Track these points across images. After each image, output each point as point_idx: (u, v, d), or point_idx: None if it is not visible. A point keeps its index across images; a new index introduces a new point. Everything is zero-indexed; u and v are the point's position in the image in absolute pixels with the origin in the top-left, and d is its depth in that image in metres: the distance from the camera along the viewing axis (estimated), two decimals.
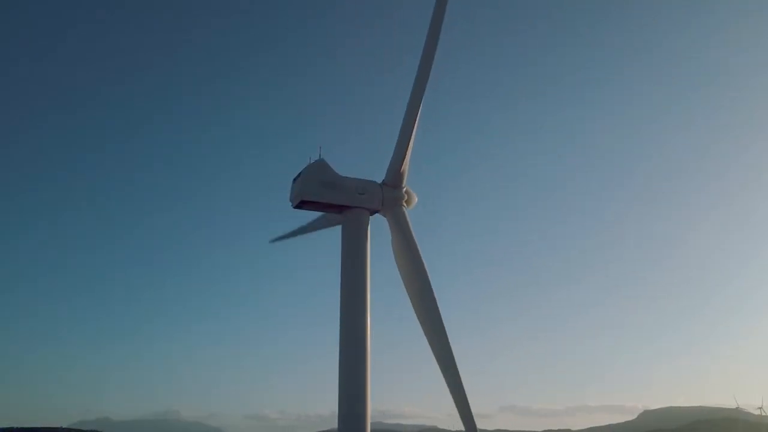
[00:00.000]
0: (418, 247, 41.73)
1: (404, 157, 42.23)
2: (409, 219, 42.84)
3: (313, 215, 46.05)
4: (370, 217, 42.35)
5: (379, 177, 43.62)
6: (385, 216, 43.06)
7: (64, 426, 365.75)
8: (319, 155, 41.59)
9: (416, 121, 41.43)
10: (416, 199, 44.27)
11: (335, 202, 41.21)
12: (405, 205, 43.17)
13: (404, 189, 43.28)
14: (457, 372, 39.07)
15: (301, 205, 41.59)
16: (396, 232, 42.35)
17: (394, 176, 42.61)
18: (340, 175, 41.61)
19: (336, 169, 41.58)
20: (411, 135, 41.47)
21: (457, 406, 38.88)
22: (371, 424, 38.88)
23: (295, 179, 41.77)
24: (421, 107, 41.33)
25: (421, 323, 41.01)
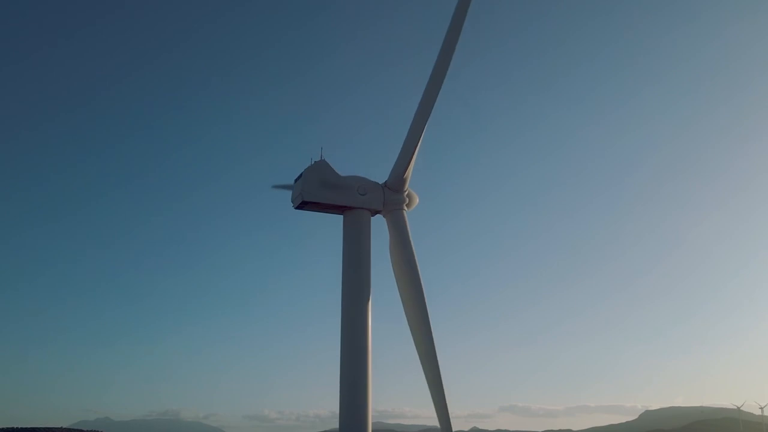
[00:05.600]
0: (414, 253, 41.71)
1: (409, 163, 42.01)
2: (407, 223, 42.80)
3: (314, 215, 46.18)
4: (372, 217, 42.48)
5: (380, 177, 43.67)
6: (385, 218, 43.16)
7: (64, 426, 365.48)
8: (321, 156, 41.73)
9: (424, 129, 41.14)
10: (417, 201, 44.27)
11: (337, 202, 41.24)
12: (406, 207, 43.22)
13: (406, 192, 43.28)
14: (439, 376, 39.32)
15: (303, 205, 41.60)
16: (394, 235, 42.38)
17: (397, 180, 42.56)
18: (341, 175, 41.67)
19: (337, 170, 41.69)
20: (418, 141, 41.18)
21: (436, 409, 39.29)
22: (372, 424, 38.97)
23: (296, 180, 41.86)
24: (430, 117, 40.92)
25: (410, 326, 41.13)
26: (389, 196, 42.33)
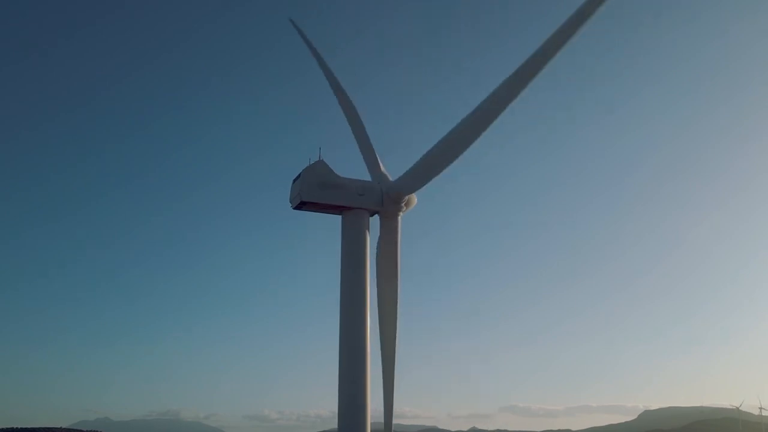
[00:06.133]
0: (399, 258, 42.67)
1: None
2: (400, 227, 43.17)
3: (313, 215, 46.21)
4: (370, 217, 42.46)
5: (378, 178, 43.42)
6: (382, 216, 43.08)
7: (64, 426, 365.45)
8: (319, 156, 41.79)
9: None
10: (416, 201, 44.27)
11: (335, 202, 41.31)
12: (404, 207, 43.21)
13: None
14: (393, 378, 42.11)
15: (301, 205, 41.67)
16: (385, 234, 42.78)
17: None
18: (339, 176, 41.73)
19: (336, 170, 41.71)
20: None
21: (385, 407, 41.93)
22: (371, 424, 39.04)
23: (294, 180, 41.89)
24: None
25: (380, 324, 42.35)
26: (387, 196, 42.37)
